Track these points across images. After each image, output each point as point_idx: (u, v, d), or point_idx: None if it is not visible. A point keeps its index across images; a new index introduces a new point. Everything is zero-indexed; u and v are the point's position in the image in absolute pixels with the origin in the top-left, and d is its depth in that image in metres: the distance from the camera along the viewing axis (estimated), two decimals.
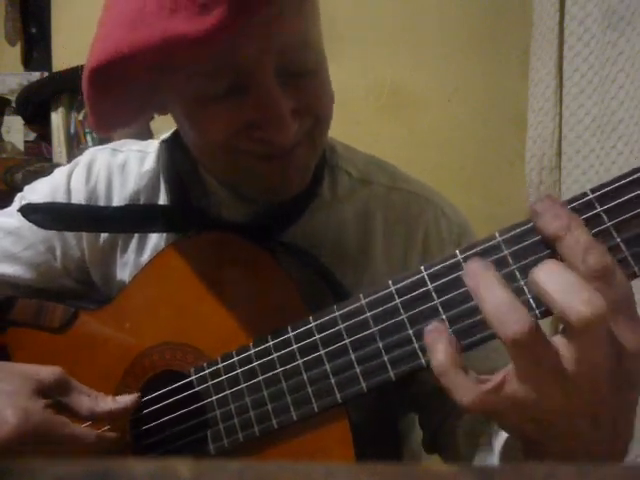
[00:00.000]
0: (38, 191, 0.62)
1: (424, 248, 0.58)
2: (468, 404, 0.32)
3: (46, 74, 1.67)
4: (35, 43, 1.78)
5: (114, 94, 0.46)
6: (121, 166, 0.62)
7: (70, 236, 0.61)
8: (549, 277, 0.31)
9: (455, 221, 0.60)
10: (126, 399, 0.49)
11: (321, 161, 0.57)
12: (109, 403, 0.48)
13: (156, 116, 0.57)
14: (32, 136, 1.68)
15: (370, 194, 0.59)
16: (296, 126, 0.46)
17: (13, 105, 1.63)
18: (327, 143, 0.59)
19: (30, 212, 0.57)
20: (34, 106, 1.56)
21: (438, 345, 0.34)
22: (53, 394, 0.47)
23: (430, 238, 0.58)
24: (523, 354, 0.31)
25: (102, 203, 0.61)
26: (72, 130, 1.58)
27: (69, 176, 0.62)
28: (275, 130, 0.45)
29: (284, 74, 0.45)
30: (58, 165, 1.27)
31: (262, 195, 0.52)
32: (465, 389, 0.32)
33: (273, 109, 0.44)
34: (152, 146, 0.63)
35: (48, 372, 0.47)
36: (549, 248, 0.35)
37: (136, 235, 0.60)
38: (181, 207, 0.58)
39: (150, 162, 0.62)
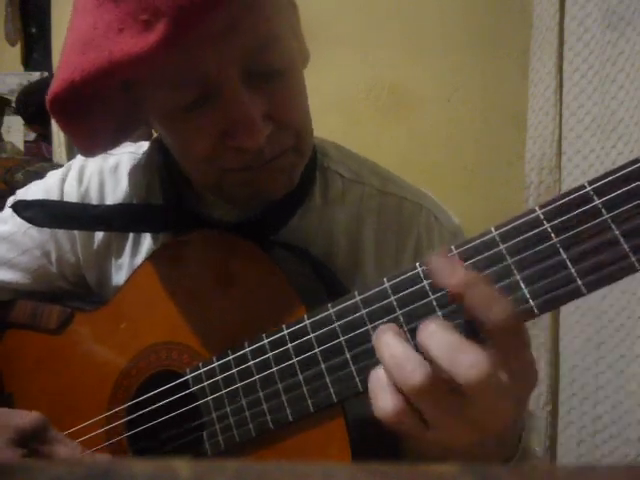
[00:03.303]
0: (31, 194, 0.62)
1: (415, 255, 0.57)
2: (381, 412, 0.35)
3: (46, 74, 1.67)
4: (35, 43, 1.78)
5: (83, 119, 0.45)
6: (113, 168, 0.62)
7: (64, 241, 0.61)
8: (431, 340, 0.33)
9: (448, 227, 0.59)
10: (104, 457, 0.48)
11: (312, 163, 0.57)
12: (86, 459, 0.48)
13: None
14: (32, 136, 1.68)
15: (362, 196, 0.59)
16: (268, 130, 0.45)
17: (13, 105, 1.63)
18: (318, 145, 0.59)
19: (22, 209, 0.56)
20: (34, 106, 1.56)
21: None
22: (30, 442, 0.46)
23: (422, 245, 0.58)
24: (422, 399, 0.33)
25: None
26: None
27: (62, 180, 0.62)
28: (245, 135, 0.44)
29: (250, 77, 0.44)
30: (58, 165, 1.27)
31: (249, 201, 0.52)
32: (386, 396, 0.35)
33: (241, 114, 0.43)
34: (144, 148, 0.63)
35: (26, 419, 0.47)
36: (545, 242, 0.35)
37: (130, 237, 0.60)
38: (173, 207, 0.57)
39: (142, 164, 0.61)
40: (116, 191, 0.61)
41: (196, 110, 0.45)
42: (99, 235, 0.60)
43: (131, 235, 0.60)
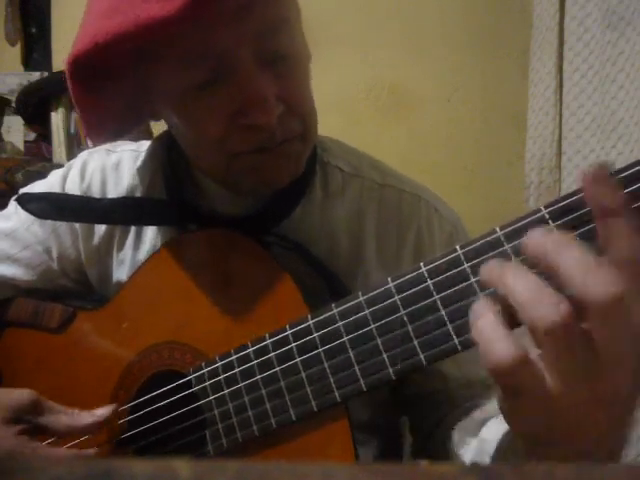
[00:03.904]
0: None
1: (416, 247, 0.58)
2: (500, 361, 0.29)
3: (46, 74, 1.67)
4: (35, 43, 1.78)
5: (99, 91, 0.46)
6: (115, 165, 0.62)
7: (66, 236, 0.61)
8: (562, 254, 0.28)
9: (447, 219, 0.60)
10: (103, 411, 0.49)
11: (312, 157, 0.57)
12: (86, 417, 0.48)
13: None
14: (32, 136, 1.67)
15: (362, 189, 0.59)
16: (280, 109, 0.46)
17: (13, 105, 1.63)
18: (318, 140, 0.60)
19: (25, 201, 0.57)
20: (34, 106, 1.56)
21: (485, 299, 0.32)
22: (27, 417, 0.47)
23: (422, 236, 0.58)
24: (556, 341, 0.28)
25: None
26: (72, 130, 1.58)
27: (64, 178, 0.62)
28: (258, 112, 0.45)
29: (262, 59, 0.46)
30: (58, 165, 1.27)
31: (256, 188, 0.52)
32: (504, 344, 0.29)
33: (254, 92, 0.45)
34: (146, 146, 0.63)
35: (19, 396, 0.47)
36: None
37: (132, 232, 0.60)
38: (175, 201, 0.58)
39: (144, 160, 0.62)
40: (118, 187, 0.61)
41: (208, 89, 0.46)
42: (101, 229, 0.61)
43: (133, 229, 0.60)
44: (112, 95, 0.48)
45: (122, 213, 0.57)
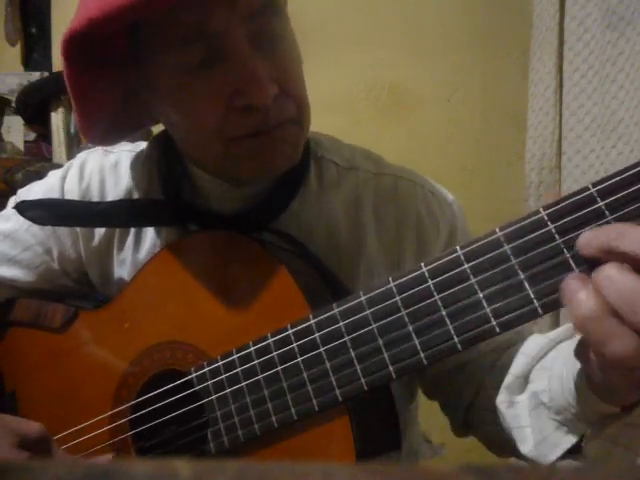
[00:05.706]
0: (33, 194, 0.62)
1: (418, 231, 0.58)
2: (628, 354, 0.31)
3: (46, 74, 1.67)
4: (35, 43, 1.78)
5: (93, 77, 0.47)
6: (113, 165, 0.62)
7: (66, 237, 0.61)
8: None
9: (445, 199, 0.61)
10: (101, 461, 0.49)
11: (306, 151, 0.57)
12: None
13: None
14: (32, 136, 1.67)
15: (357, 180, 0.60)
16: (275, 89, 0.47)
17: (13, 105, 1.63)
18: (311, 137, 0.60)
19: (25, 209, 0.57)
20: (34, 106, 1.56)
21: (582, 292, 0.32)
22: (32, 450, 0.47)
23: (423, 220, 0.58)
24: None
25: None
26: (72, 130, 1.58)
27: (63, 178, 0.63)
28: (254, 92, 0.46)
29: (256, 40, 0.47)
30: (58, 165, 1.27)
31: (254, 174, 0.52)
32: (622, 338, 0.31)
33: (249, 71, 0.45)
34: (143, 146, 0.64)
35: (30, 427, 0.48)
36: (549, 243, 0.35)
37: (132, 232, 0.60)
38: (172, 201, 0.58)
39: (141, 160, 0.62)
40: (117, 188, 0.61)
41: (204, 72, 0.47)
42: (100, 230, 0.61)
43: (133, 230, 0.60)
44: (106, 83, 0.48)
45: (120, 216, 0.57)
